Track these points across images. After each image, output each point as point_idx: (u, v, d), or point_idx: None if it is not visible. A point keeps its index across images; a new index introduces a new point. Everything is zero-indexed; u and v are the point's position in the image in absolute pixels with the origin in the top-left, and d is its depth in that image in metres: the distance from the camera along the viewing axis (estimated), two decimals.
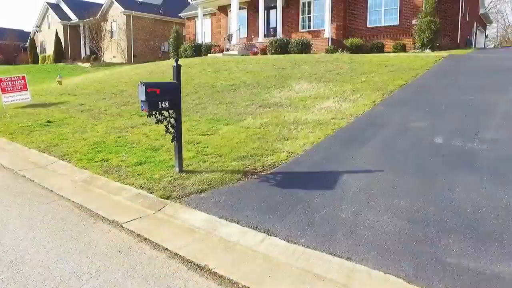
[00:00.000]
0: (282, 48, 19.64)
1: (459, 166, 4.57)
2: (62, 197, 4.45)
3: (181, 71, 5.12)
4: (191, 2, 27.49)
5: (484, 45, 31.89)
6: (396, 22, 20.27)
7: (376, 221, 3.40)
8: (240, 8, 25.65)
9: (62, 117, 10.16)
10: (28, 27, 44.64)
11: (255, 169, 4.87)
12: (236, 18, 23.92)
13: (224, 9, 27.07)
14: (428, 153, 5.07)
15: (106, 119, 9.47)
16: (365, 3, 21.18)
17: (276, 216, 3.60)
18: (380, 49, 19.72)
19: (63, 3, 39.54)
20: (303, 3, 23.04)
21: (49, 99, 13.93)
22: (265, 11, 24.37)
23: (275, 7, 23.47)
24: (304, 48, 19.11)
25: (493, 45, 41.45)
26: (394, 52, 19.13)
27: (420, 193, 3.92)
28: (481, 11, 28.87)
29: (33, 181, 5.13)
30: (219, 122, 7.56)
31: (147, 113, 4.58)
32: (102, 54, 34.15)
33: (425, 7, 18.65)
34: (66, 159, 6.00)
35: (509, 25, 49.86)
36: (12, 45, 48.74)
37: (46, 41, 41.69)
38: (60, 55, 37.93)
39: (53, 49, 38.39)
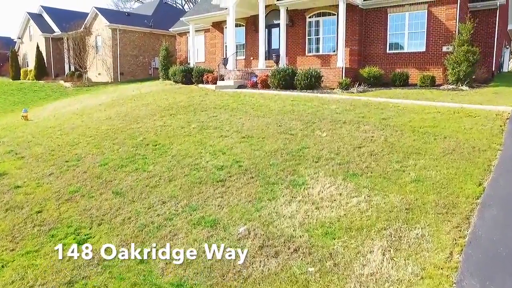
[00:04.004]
0: (286, 81, 16.39)
1: None
2: None
3: (160, 122, 2.29)
4: (181, 19, 24.23)
5: (508, 67, 28.42)
6: (423, 48, 17.00)
7: None
8: (237, 25, 22.42)
9: None
10: (16, 35, 41.27)
11: None
12: (233, 40, 20.65)
13: (219, 26, 23.81)
14: None
15: (28, 244, 6.26)
16: (384, 25, 17.91)
17: None
18: (404, 81, 16.50)
19: (45, 13, 36.24)
20: (309, 22, 19.77)
21: None
22: (266, 30, 21.11)
23: (277, 25, 20.24)
24: (314, 81, 15.88)
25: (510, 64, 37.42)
26: (422, 86, 15.90)
27: None
28: (510, 26, 25.56)
29: None
30: None
31: None
32: (86, 71, 30.89)
33: (460, 33, 15.39)
34: None
35: None
36: None
37: (28, 54, 38.44)
38: (41, 71, 34.63)
39: (34, 64, 35.13)
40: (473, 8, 18.05)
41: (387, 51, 17.95)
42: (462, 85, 14.93)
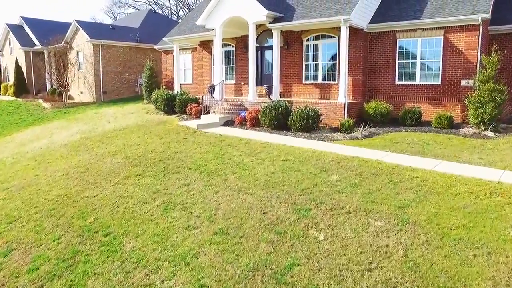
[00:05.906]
0: (279, 121, 14.10)
1: None
2: None
3: (121, 189, 2.60)
4: (164, 39, 21.93)
5: None
6: (438, 81, 14.71)
7: None
8: (226, 45, 20.21)
9: None
10: None
11: None
12: (220, 65, 18.38)
13: (206, 45, 21.51)
14: None
15: None
16: (393, 51, 15.61)
17: None
18: (416, 120, 14.23)
19: (26, 25, 33.87)
20: (307, 45, 17.47)
21: None
22: (259, 52, 18.89)
23: (271, 47, 17.97)
24: (311, 123, 13.57)
25: None
26: (437, 127, 13.62)
27: None
28: None
29: None
30: None
31: None
32: (66, 89, 28.60)
33: (484, 67, 13.08)
34: None
35: None
36: None
37: (9, 68, 36.13)
38: (21, 88, 32.34)
39: (13, 79, 32.84)
40: (494, 31, 15.75)
41: (396, 81, 15.65)
42: (486, 129, 12.65)
